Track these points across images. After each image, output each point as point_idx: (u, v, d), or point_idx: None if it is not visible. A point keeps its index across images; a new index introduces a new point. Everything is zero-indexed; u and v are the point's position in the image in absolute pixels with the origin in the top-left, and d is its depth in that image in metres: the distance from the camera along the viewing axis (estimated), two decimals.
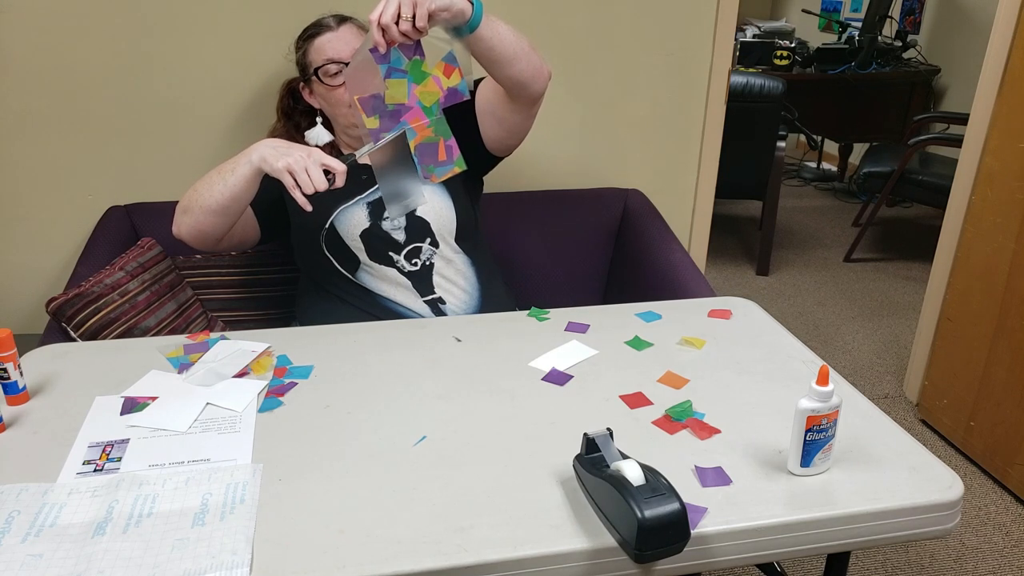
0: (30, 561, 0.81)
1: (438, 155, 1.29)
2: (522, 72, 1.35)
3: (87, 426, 1.04)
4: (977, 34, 3.98)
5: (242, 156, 1.32)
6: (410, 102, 1.25)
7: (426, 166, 1.29)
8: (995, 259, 2.03)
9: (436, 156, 1.29)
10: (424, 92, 1.25)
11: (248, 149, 1.32)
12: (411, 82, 1.24)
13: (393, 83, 1.23)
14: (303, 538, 0.84)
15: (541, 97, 1.44)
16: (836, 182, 4.75)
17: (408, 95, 1.25)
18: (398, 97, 1.24)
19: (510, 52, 1.31)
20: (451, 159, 1.29)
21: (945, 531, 0.93)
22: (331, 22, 1.51)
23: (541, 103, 1.47)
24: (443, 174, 1.30)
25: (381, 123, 1.25)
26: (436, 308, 1.50)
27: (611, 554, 0.84)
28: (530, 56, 1.34)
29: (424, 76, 1.24)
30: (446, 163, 1.29)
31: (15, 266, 1.92)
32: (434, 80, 1.25)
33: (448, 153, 1.29)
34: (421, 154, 1.28)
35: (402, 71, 1.23)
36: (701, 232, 2.24)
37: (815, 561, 1.80)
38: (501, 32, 1.28)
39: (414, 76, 1.24)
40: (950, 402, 2.22)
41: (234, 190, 1.33)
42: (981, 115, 2.08)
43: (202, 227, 1.38)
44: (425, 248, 1.50)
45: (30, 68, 1.76)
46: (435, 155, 1.29)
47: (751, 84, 3.16)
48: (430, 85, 1.25)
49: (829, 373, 0.93)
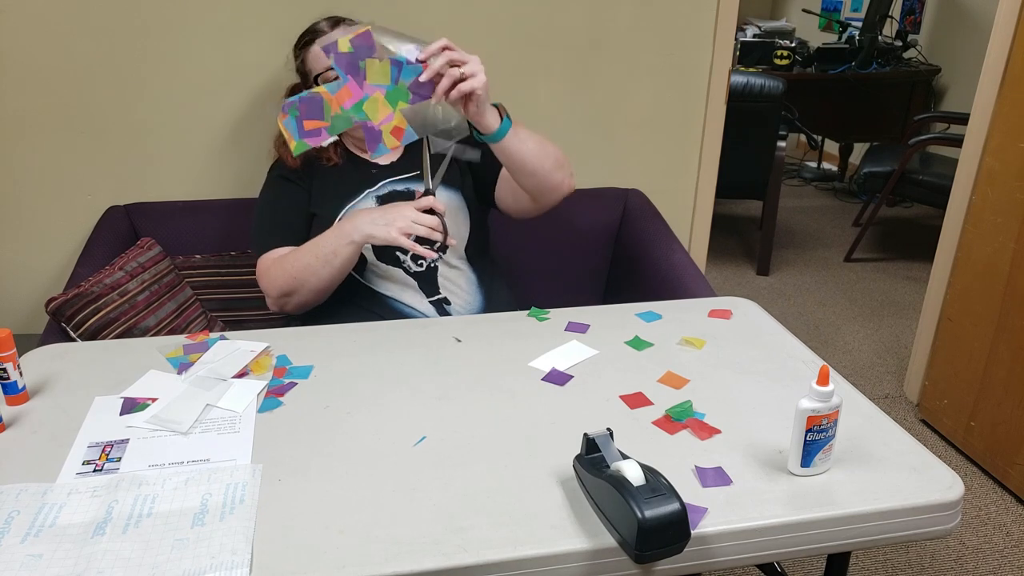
0: (30, 561, 0.80)
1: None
2: (538, 185, 1.42)
3: (87, 426, 1.04)
4: (977, 34, 3.98)
5: (340, 238, 1.36)
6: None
7: None
8: (995, 259, 2.03)
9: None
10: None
11: (342, 229, 1.36)
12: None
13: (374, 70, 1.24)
14: (303, 538, 0.84)
15: (555, 204, 1.50)
16: (836, 182, 4.75)
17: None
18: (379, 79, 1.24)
19: (530, 167, 1.38)
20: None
21: (945, 531, 0.93)
22: (325, 27, 1.51)
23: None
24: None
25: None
26: (441, 308, 1.50)
27: (611, 554, 0.84)
28: (550, 174, 1.40)
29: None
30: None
31: (15, 266, 1.92)
32: None
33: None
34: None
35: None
36: (701, 232, 2.24)
37: (815, 561, 1.80)
38: (527, 147, 1.35)
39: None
40: (950, 402, 2.22)
41: (342, 269, 1.40)
42: (981, 115, 2.08)
43: (307, 304, 1.46)
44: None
45: (30, 68, 1.75)
46: None
47: (751, 84, 3.15)
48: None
49: (829, 373, 0.93)
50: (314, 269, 1.38)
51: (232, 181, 1.93)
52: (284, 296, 1.43)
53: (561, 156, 1.42)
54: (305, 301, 1.44)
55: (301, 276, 1.39)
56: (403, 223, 1.30)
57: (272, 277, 1.43)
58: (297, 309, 1.47)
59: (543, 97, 2.01)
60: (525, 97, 1.99)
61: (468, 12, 1.90)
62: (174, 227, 1.84)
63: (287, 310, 1.47)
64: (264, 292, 1.46)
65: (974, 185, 2.11)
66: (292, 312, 1.48)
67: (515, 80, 1.97)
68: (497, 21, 1.91)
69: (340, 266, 1.38)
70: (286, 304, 1.45)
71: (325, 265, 1.37)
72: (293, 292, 1.42)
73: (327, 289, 1.42)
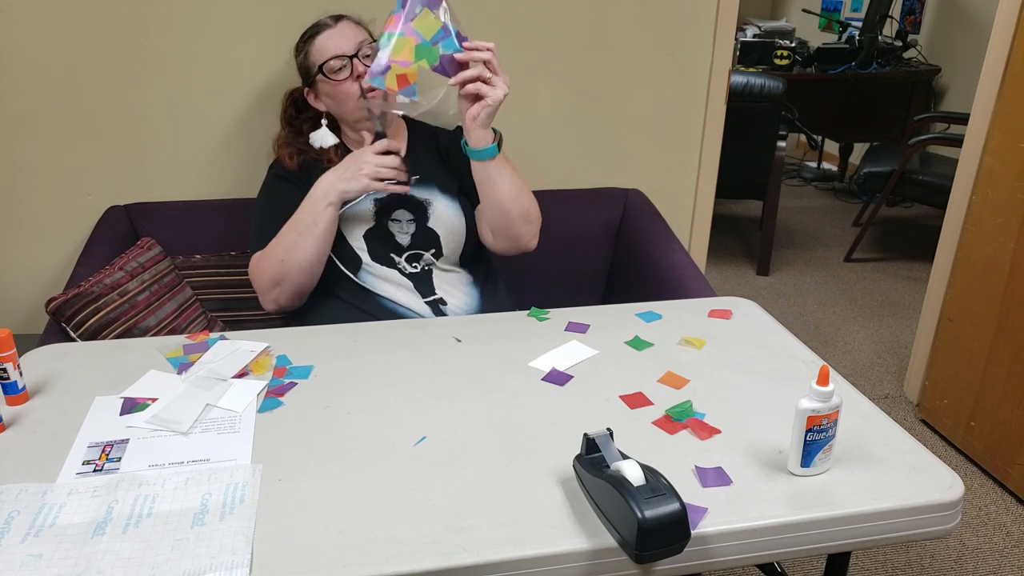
0: (30, 561, 0.80)
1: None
2: (501, 227, 1.45)
3: (87, 426, 1.04)
4: (977, 34, 3.98)
5: (317, 203, 1.37)
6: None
7: None
8: (995, 259, 2.03)
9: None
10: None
11: (314, 196, 1.37)
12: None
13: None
14: (303, 538, 0.84)
15: (512, 254, 1.50)
16: (836, 182, 4.75)
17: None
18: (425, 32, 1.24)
19: (497, 204, 1.40)
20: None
21: (945, 531, 0.93)
22: (328, 21, 1.52)
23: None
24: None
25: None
26: (437, 309, 1.50)
27: (611, 554, 0.84)
28: (515, 222, 1.42)
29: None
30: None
31: (15, 266, 1.92)
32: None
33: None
34: None
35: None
36: (701, 232, 2.24)
37: (815, 561, 1.80)
38: (503, 183, 1.37)
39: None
40: (950, 402, 2.22)
41: (325, 238, 1.39)
42: (981, 115, 2.08)
43: (300, 288, 1.44)
44: (426, 256, 1.51)
45: (30, 68, 1.75)
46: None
47: (751, 84, 3.15)
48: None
49: (829, 373, 0.93)
50: (298, 244, 1.38)
51: (232, 181, 1.93)
52: (276, 286, 1.42)
53: (534, 214, 1.44)
54: (296, 285, 1.43)
55: (287, 256, 1.39)
56: (368, 169, 1.32)
57: (262, 270, 1.43)
58: (290, 300, 1.45)
59: (543, 97, 2.01)
60: (525, 97, 1.99)
61: (468, 12, 1.89)
62: (174, 227, 1.84)
63: (281, 303, 1.46)
64: (257, 290, 1.46)
65: (974, 185, 2.11)
66: (287, 306, 1.47)
67: (515, 80, 1.95)
68: (497, 21, 1.91)
69: (322, 234, 1.38)
70: (279, 296, 1.44)
71: (308, 236, 1.37)
72: (283, 277, 1.41)
73: (314, 264, 1.41)
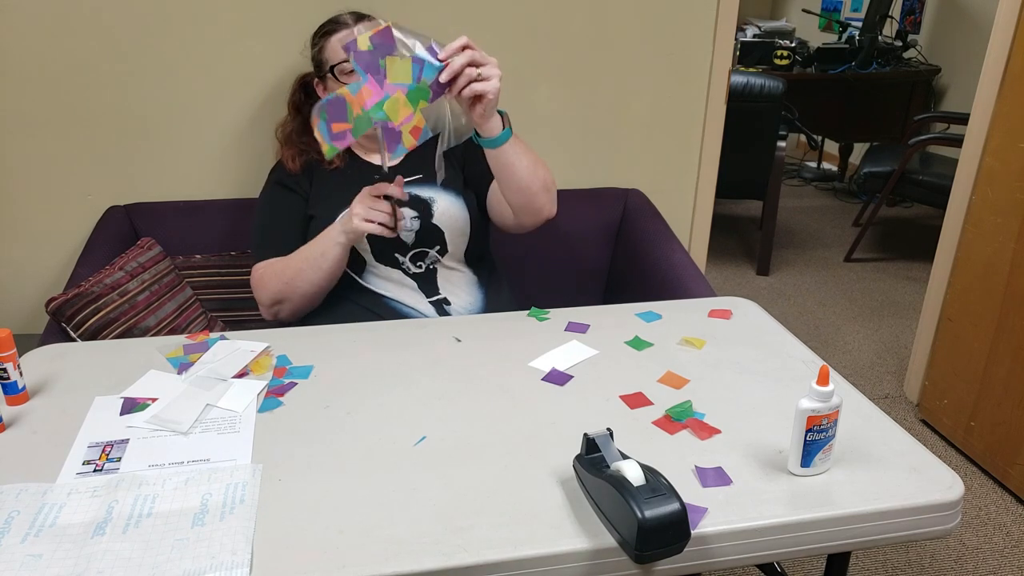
0: (29, 561, 0.80)
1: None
2: (523, 203, 1.42)
3: (87, 426, 1.04)
4: (977, 34, 3.98)
5: (328, 240, 1.39)
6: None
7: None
8: (995, 259, 2.03)
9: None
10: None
11: (329, 233, 1.39)
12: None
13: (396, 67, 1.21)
14: (303, 538, 0.84)
15: (534, 227, 1.50)
16: (836, 182, 4.75)
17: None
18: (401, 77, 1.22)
19: (518, 183, 1.38)
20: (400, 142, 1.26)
21: (945, 531, 0.93)
22: (348, 19, 1.51)
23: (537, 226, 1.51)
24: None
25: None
26: (441, 309, 1.50)
27: (611, 554, 0.84)
28: (536, 195, 1.41)
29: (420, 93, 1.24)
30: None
31: (15, 266, 1.92)
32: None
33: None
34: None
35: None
36: (701, 232, 2.24)
37: (815, 561, 1.80)
38: (520, 162, 1.36)
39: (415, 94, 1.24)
40: (950, 402, 2.22)
41: (331, 272, 1.42)
42: (981, 115, 2.08)
43: (301, 310, 1.48)
44: (431, 254, 1.51)
45: (29, 68, 1.75)
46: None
47: (751, 84, 3.15)
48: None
49: (829, 373, 0.93)
50: (305, 273, 1.41)
51: (232, 181, 1.93)
52: (277, 303, 1.45)
53: (550, 181, 1.43)
54: (297, 308, 1.46)
55: (293, 281, 1.42)
56: (358, 209, 1.33)
57: (265, 285, 1.45)
58: (290, 316, 1.48)
59: (543, 97, 2.01)
60: (525, 97, 1.99)
61: (469, 13, 1.90)
62: (174, 227, 1.84)
63: (281, 318, 1.48)
64: (258, 301, 1.48)
65: (974, 185, 2.11)
66: (286, 320, 1.49)
67: (515, 80, 1.97)
68: (498, 21, 1.91)
69: (329, 268, 1.40)
70: (279, 311, 1.47)
71: (315, 268, 1.40)
72: (285, 298, 1.44)
73: (318, 294, 1.44)
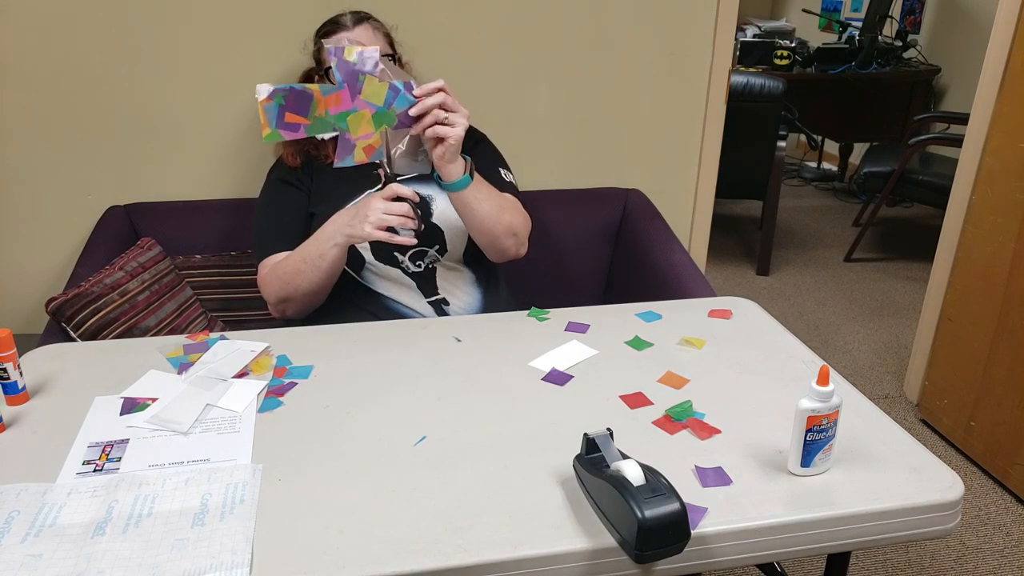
0: (29, 561, 0.80)
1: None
2: (485, 243, 1.45)
3: (87, 426, 1.04)
4: (977, 34, 3.98)
5: (325, 241, 1.38)
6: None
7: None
8: (995, 259, 2.03)
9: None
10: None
11: (324, 232, 1.38)
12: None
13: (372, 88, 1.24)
14: (303, 538, 0.84)
15: (501, 262, 1.52)
16: (836, 182, 4.75)
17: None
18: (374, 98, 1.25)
19: (478, 226, 1.41)
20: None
21: (945, 531, 0.93)
22: (347, 21, 1.51)
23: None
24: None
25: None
26: (440, 309, 1.50)
27: (611, 554, 0.84)
28: (498, 239, 1.44)
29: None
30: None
31: (15, 266, 1.92)
32: None
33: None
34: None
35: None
36: (701, 232, 2.24)
37: (815, 561, 1.80)
38: (481, 207, 1.38)
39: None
40: (950, 402, 2.22)
41: (330, 272, 1.41)
42: (981, 115, 2.08)
43: (306, 307, 1.48)
44: (431, 253, 1.51)
45: (29, 68, 1.75)
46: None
47: (751, 84, 3.15)
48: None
49: (829, 373, 0.93)
50: (304, 273, 1.40)
51: (232, 181, 1.93)
52: (282, 302, 1.45)
53: (517, 225, 1.44)
54: (302, 306, 1.46)
55: (293, 281, 1.41)
56: (374, 217, 1.30)
57: (269, 284, 1.45)
58: (297, 314, 1.48)
59: (543, 97, 2.01)
60: (525, 97, 1.99)
61: (469, 13, 1.90)
62: (174, 227, 1.84)
63: (288, 315, 1.48)
64: (265, 300, 1.48)
65: (974, 185, 2.11)
66: (295, 317, 1.49)
67: (515, 80, 1.97)
68: (498, 21, 1.91)
69: (328, 269, 1.39)
70: (286, 310, 1.47)
71: (314, 269, 1.39)
72: (288, 298, 1.44)
73: (320, 292, 1.44)
